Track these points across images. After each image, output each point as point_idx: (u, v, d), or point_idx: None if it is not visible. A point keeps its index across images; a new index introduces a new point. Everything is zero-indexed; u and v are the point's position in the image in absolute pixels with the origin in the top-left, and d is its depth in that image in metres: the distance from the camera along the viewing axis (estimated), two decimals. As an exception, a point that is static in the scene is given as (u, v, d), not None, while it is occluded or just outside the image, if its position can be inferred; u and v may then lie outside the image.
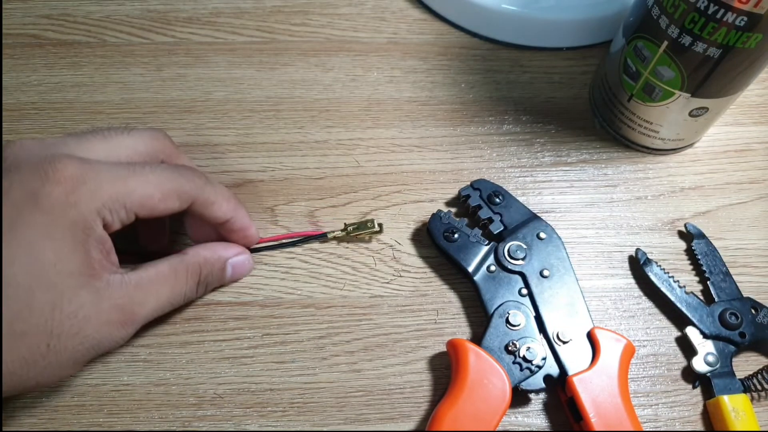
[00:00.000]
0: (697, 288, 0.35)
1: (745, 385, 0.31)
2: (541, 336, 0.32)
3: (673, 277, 0.34)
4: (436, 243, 0.34)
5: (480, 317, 0.33)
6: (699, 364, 0.32)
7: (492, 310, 0.32)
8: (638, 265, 0.35)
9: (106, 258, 0.26)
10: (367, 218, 0.35)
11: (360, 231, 0.34)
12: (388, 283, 0.34)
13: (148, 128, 0.30)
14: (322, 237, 0.35)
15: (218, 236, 0.32)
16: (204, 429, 0.30)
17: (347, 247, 0.35)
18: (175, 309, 0.33)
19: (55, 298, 0.24)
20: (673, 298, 0.33)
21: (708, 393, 0.32)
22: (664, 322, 0.34)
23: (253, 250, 0.34)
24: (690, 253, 0.36)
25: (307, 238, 0.35)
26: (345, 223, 0.35)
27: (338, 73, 0.42)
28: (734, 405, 0.31)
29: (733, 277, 0.34)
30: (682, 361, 0.33)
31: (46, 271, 0.24)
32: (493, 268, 0.33)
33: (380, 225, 0.35)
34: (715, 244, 0.35)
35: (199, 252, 0.30)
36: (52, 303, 0.24)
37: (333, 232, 0.35)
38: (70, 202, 0.24)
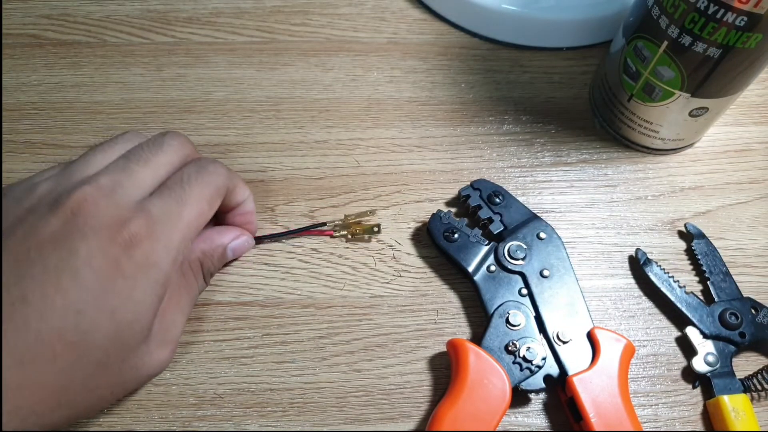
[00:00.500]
0: (697, 288, 0.35)
1: (745, 385, 0.31)
2: (541, 336, 0.32)
3: (673, 277, 0.34)
4: (436, 243, 0.34)
5: (480, 317, 0.33)
6: (699, 364, 0.32)
7: (492, 310, 0.32)
8: (638, 265, 0.35)
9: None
10: (368, 209, 0.36)
11: (359, 218, 0.35)
12: (388, 283, 0.34)
13: (173, 135, 0.30)
14: (321, 225, 0.35)
15: (215, 221, 0.33)
16: (204, 429, 0.30)
17: (347, 247, 0.35)
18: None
19: (125, 354, 0.25)
20: (673, 298, 0.33)
21: (708, 393, 0.32)
22: (664, 322, 0.34)
23: (257, 240, 0.34)
24: (690, 253, 0.36)
25: (308, 228, 0.35)
26: (345, 215, 0.35)
27: (338, 73, 0.42)
28: (734, 405, 0.31)
29: (733, 277, 0.34)
30: (682, 361, 0.33)
31: (122, 334, 0.25)
32: (493, 268, 0.33)
33: (378, 225, 0.35)
34: (715, 244, 0.35)
35: (196, 246, 0.31)
36: (122, 359, 0.25)
37: (333, 222, 0.35)
38: (150, 263, 0.25)
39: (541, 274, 0.33)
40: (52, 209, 0.25)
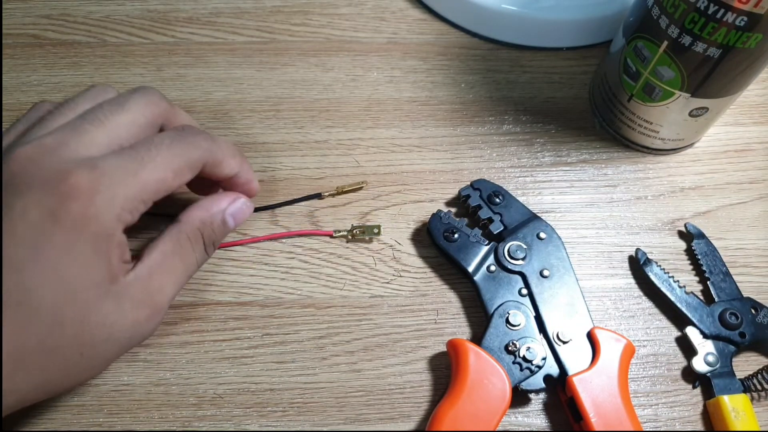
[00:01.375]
0: (697, 288, 0.35)
1: (745, 385, 0.31)
2: (541, 336, 0.32)
3: (673, 277, 0.34)
4: (436, 243, 0.34)
5: (480, 317, 0.33)
6: (699, 364, 0.32)
7: (492, 310, 0.32)
8: (638, 265, 0.35)
9: (122, 260, 0.26)
10: (373, 224, 0.35)
11: (364, 235, 0.35)
12: (388, 283, 0.34)
13: (141, 91, 0.28)
14: (316, 197, 0.36)
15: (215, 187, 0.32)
16: (204, 429, 0.30)
17: (347, 247, 0.35)
18: (175, 309, 0.33)
19: (82, 311, 0.24)
20: (673, 298, 0.33)
21: (708, 393, 0.32)
22: (664, 322, 0.34)
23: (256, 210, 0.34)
24: (690, 253, 0.36)
25: (304, 198, 0.36)
26: (352, 225, 0.35)
27: (338, 73, 0.42)
28: (734, 405, 0.31)
29: (733, 277, 0.34)
30: (682, 361, 0.33)
31: (72, 287, 0.24)
32: (493, 268, 0.33)
33: (378, 227, 0.35)
34: (715, 244, 0.35)
35: (194, 215, 0.29)
36: (81, 317, 0.24)
37: (340, 231, 0.35)
38: (89, 215, 0.24)
39: (541, 274, 0.33)
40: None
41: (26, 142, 0.26)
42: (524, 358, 0.30)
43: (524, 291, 0.33)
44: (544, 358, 0.31)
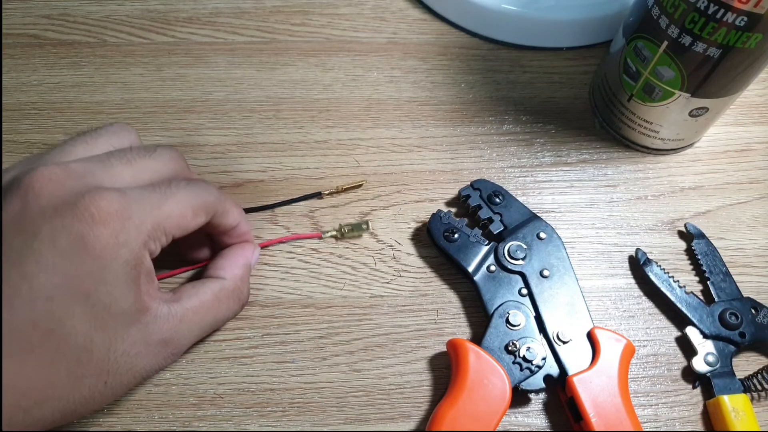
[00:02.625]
0: (697, 288, 0.35)
1: (745, 385, 0.31)
2: (541, 336, 0.32)
3: (673, 277, 0.34)
4: (436, 243, 0.34)
5: (480, 317, 0.33)
6: (699, 364, 0.32)
7: (492, 310, 0.32)
8: (638, 265, 0.35)
9: (152, 288, 0.26)
10: (361, 221, 0.36)
11: (353, 232, 0.35)
12: (388, 283, 0.34)
13: (167, 147, 0.29)
14: (316, 195, 0.36)
15: (209, 243, 0.33)
16: (204, 429, 0.30)
17: (347, 247, 0.35)
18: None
19: (110, 339, 0.24)
20: (673, 298, 0.33)
21: (708, 393, 0.32)
22: (664, 322, 0.34)
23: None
24: (690, 253, 0.36)
25: (301, 198, 0.36)
26: (340, 224, 0.35)
27: (338, 73, 0.42)
28: (734, 405, 0.31)
29: (733, 277, 0.34)
30: (682, 361, 0.33)
31: (102, 315, 0.24)
32: (493, 268, 0.33)
33: (366, 222, 0.35)
34: (715, 244, 0.35)
35: (235, 273, 0.30)
36: (108, 344, 0.24)
37: (328, 231, 0.35)
38: (120, 242, 0.24)
39: (541, 274, 0.33)
40: (14, 190, 0.24)
41: (49, 162, 0.25)
42: (524, 358, 0.30)
43: (524, 291, 0.33)
44: (544, 358, 0.31)
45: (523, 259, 0.33)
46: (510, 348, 0.31)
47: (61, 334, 0.23)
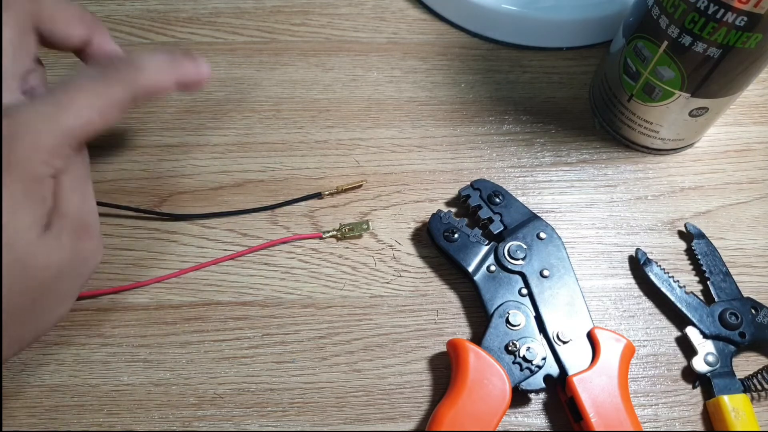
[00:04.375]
0: (697, 288, 0.35)
1: (745, 385, 0.31)
2: (541, 336, 0.32)
3: (673, 277, 0.34)
4: (436, 243, 0.34)
5: (480, 317, 0.33)
6: (699, 364, 0.32)
7: (492, 310, 0.32)
8: (638, 265, 0.35)
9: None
10: (362, 221, 0.36)
11: (353, 232, 0.35)
12: (388, 283, 0.34)
13: None
14: (316, 196, 0.36)
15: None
16: (204, 429, 0.30)
17: (347, 247, 0.35)
18: (175, 309, 0.33)
19: (22, 256, 0.24)
20: (673, 298, 0.33)
21: (708, 393, 0.32)
22: (664, 322, 0.34)
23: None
24: (690, 253, 0.36)
25: (303, 198, 0.36)
26: (340, 224, 0.35)
27: (338, 73, 0.42)
28: (734, 405, 0.31)
29: (733, 277, 0.34)
30: (682, 361, 0.33)
31: (7, 236, 0.23)
32: (493, 268, 0.33)
33: (367, 222, 0.35)
34: (715, 244, 0.35)
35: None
36: (22, 262, 0.24)
37: (328, 231, 0.35)
38: (11, 162, 0.23)
39: (541, 274, 0.33)
40: None
41: None
42: (524, 358, 0.30)
43: (524, 291, 0.33)
44: (544, 358, 0.31)
45: (523, 259, 0.33)
46: (510, 348, 0.31)
47: None
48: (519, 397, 0.31)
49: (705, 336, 0.32)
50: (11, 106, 0.24)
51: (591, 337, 0.31)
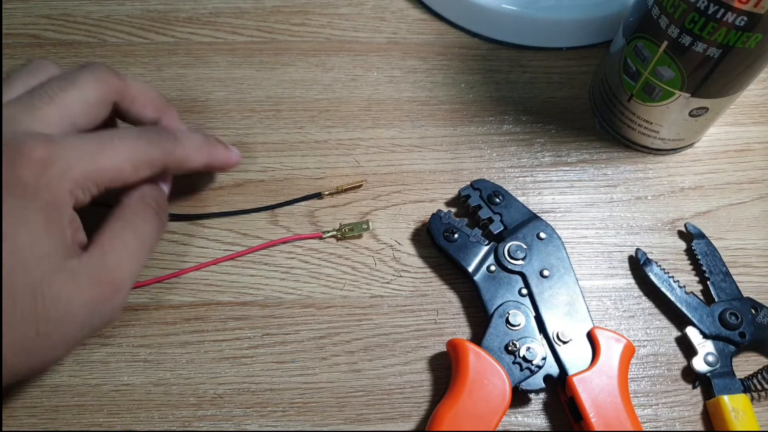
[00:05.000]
0: (697, 288, 0.35)
1: (745, 385, 0.31)
2: (541, 336, 0.32)
3: (673, 277, 0.34)
4: (436, 243, 0.34)
5: (480, 317, 0.33)
6: (699, 364, 0.32)
7: (492, 310, 0.32)
8: (638, 265, 0.35)
9: (76, 237, 0.25)
10: (362, 221, 0.36)
11: (353, 232, 0.35)
12: (388, 283, 0.34)
13: (89, 68, 0.28)
14: (316, 196, 0.36)
15: None
16: (204, 429, 0.30)
17: (347, 247, 0.35)
18: (175, 309, 0.33)
19: (35, 283, 0.24)
20: (673, 298, 0.33)
21: (708, 393, 0.32)
22: (664, 322, 0.34)
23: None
24: (690, 253, 0.36)
25: (303, 198, 0.36)
26: (340, 224, 0.35)
27: (338, 73, 0.42)
28: (734, 405, 0.31)
29: (733, 277, 0.34)
30: (682, 361, 0.33)
31: (23, 257, 0.23)
32: (493, 268, 0.33)
33: (367, 222, 0.35)
34: (715, 244, 0.35)
35: (130, 192, 0.28)
36: (33, 289, 0.23)
37: (328, 231, 0.35)
38: (41, 184, 0.24)
39: (541, 274, 0.33)
40: None
41: None
42: (524, 358, 0.30)
43: (524, 291, 0.33)
44: (544, 358, 0.31)
45: (523, 259, 0.33)
46: (510, 348, 0.31)
47: None
48: (519, 397, 0.31)
49: (705, 336, 0.32)
50: (57, 135, 0.25)
51: (591, 337, 0.31)
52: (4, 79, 0.28)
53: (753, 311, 0.33)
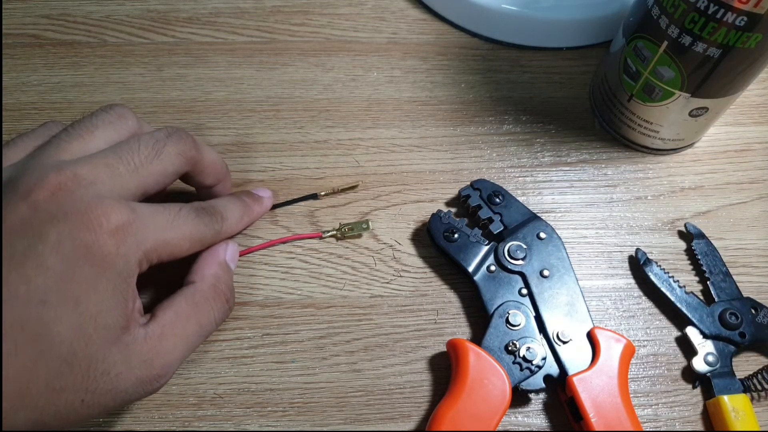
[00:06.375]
0: (697, 288, 0.35)
1: (745, 385, 0.31)
2: (541, 336, 0.31)
3: (673, 277, 0.34)
4: (436, 243, 0.34)
5: (480, 317, 0.33)
6: (699, 364, 0.32)
7: (492, 310, 0.32)
8: (638, 265, 0.35)
9: (136, 308, 0.26)
10: (362, 220, 0.36)
11: (353, 232, 0.35)
12: (388, 283, 0.34)
13: (175, 139, 0.28)
14: (312, 197, 0.36)
15: None
16: (204, 429, 0.30)
17: (347, 247, 0.35)
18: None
19: (91, 356, 0.24)
20: (673, 298, 0.33)
21: (708, 393, 0.32)
22: (664, 322, 0.34)
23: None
24: (690, 253, 0.36)
25: (300, 198, 0.36)
26: (340, 223, 0.35)
27: (338, 73, 0.42)
28: (734, 405, 0.31)
29: (733, 277, 0.34)
30: (682, 361, 0.33)
31: (86, 326, 0.23)
32: (493, 268, 0.33)
33: (367, 222, 0.35)
34: (715, 244, 0.35)
35: (205, 272, 0.29)
36: (89, 361, 0.24)
37: (328, 231, 0.35)
38: (120, 253, 0.24)
39: (541, 274, 0.33)
40: (21, 193, 0.24)
41: (53, 166, 0.25)
42: (524, 358, 0.30)
43: (524, 291, 0.33)
44: (544, 358, 0.31)
45: (523, 259, 0.33)
46: (510, 348, 0.31)
47: (46, 340, 0.23)
48: (519, 397, 0.31)
49: (705, 336, 0.32)
50: (136, 203, 0.26)
51: (591, 337, 0.31)
52: (85, 121, 0.28)
53: (753, 311, 0.33)
